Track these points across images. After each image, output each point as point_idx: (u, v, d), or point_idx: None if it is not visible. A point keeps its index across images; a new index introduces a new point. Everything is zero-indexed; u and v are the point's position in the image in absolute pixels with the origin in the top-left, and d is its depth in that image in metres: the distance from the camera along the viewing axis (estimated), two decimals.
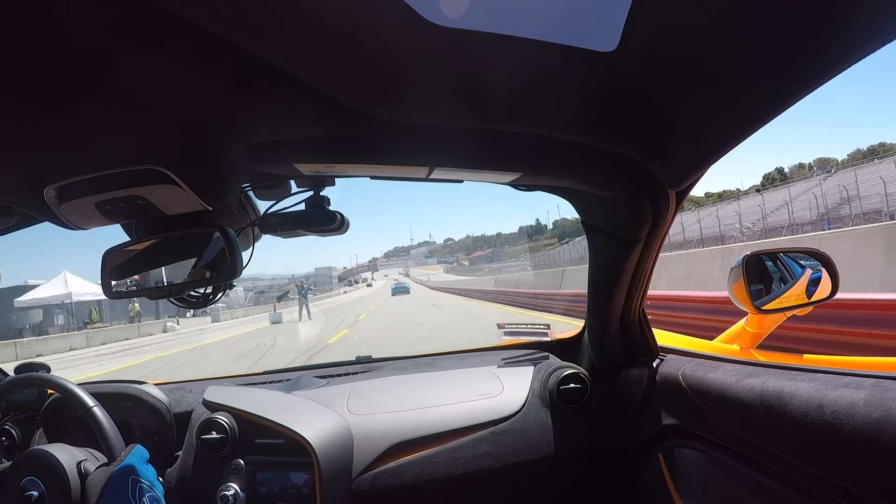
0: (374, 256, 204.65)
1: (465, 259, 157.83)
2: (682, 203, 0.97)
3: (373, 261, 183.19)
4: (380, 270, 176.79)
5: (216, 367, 9.02)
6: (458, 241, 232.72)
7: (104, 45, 0.51)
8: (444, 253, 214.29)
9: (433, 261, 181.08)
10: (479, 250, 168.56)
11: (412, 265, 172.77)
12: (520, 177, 0.93)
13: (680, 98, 0.67)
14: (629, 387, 1.25)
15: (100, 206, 0.81)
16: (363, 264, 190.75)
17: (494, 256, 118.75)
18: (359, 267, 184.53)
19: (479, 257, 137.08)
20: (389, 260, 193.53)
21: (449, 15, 0.51)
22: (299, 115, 0.70)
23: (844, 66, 0.53)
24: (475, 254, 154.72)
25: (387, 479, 1.20)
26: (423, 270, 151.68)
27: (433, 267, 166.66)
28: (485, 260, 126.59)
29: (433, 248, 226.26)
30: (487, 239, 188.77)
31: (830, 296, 1.25)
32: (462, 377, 1.46)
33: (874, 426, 0.62)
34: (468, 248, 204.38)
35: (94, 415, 1.07)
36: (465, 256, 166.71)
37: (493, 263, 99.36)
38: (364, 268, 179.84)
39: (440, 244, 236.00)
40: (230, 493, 1.14)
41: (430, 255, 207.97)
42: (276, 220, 1.08)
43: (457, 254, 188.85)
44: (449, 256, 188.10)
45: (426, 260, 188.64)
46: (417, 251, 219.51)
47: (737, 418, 0.88)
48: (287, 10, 0.48)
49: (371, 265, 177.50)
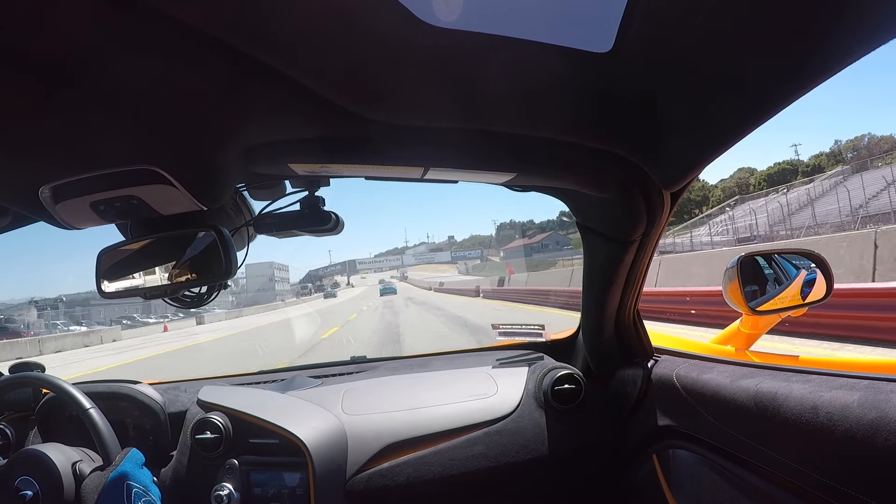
0: (353, 258, 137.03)
1: (497, 252, 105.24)
2: (677, 204, 0.97)
3: (348, 263, 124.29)
4: (361, 273, 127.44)
5: None
6: (467, 240, 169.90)
7: (99, 45, 0.51)
8: (456, 248, 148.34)
9: (445, 256, 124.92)
10: (515, 240, 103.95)
11: (413, 263, 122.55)
12: (514, 177, 0.93)
13: (675, 99, 0.67)
14: (623, 388, 1.25)
15: (94, 206, 0.81)
16: (335, 265, 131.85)
17: (553, 244, 74.75)
18: (330, 267, 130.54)
19: (523, 247, 78.07)
20: (380, 259, 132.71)
21: (443, 16, 0.51)
22: (293, 115, 0.70)
23: (838, 67, 0.54)
24: (514, 243, 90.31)
25: (381, 480, 1.20)
26: (427, 272, 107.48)
27: (440, 267, 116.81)
28: (533, 250, 73.54)
29: (439, 245, 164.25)
30: (520, 227, 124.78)
31: (825, 297, 1.25)
32: (456, 377, 1.46)
33: (868, 428, 0.62)
34: (481, 244, 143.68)
35: (90, 417, 1.06)
36: (499, 248, 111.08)
37: (549, 254, 67.64)
38: (336, 269, 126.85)
39: (444, 241, 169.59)
40: (224, 493, 1.14)
41: (435, 250, 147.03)
42: (271, 221, 1.08)
43: (482, 248, 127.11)
44: (467, 250, 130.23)
45: (433, 256, 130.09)
46: (416, 250, 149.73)
47: (731, 419, 0.88)
48: (281, 11, 0.48)
49: (345, 267, 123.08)
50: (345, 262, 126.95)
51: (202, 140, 0.72)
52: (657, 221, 0.99)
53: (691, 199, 51.99)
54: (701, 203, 51.79)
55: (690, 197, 51.38)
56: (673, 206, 0.96)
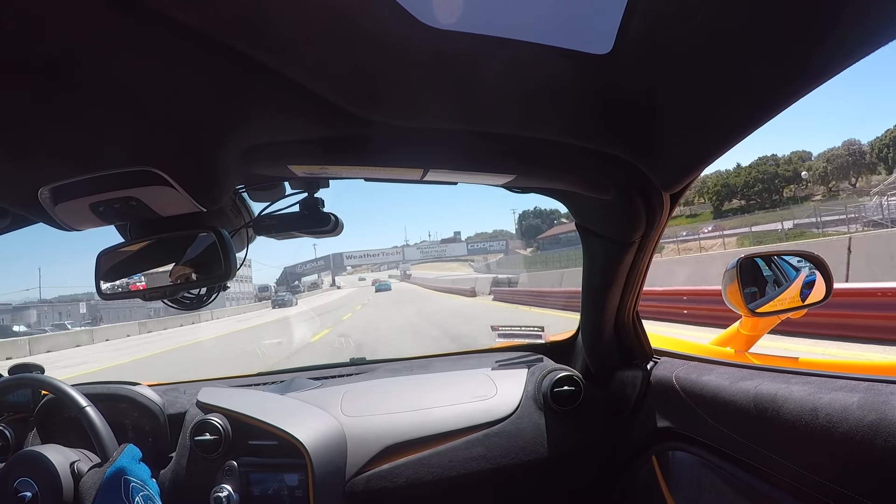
0: (340, 251, 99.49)
1: (523, 245, 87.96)
2: (676, 205, 0.97)
3: (333, 258, 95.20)
4: (356, 272, 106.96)
5: None
6: (478, 235, 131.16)
7: (99, 47, 0.51)
8: (475, 240, 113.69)
9: (460, 249, 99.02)
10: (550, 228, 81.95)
11: (418, 258, 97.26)
12: (514, 179, 0.93)
13: (674, 101, 0.67)
14: (623, 389, 1.25)
15: (94, 208, 0.81)
16: (318, 260, 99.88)
17: None
18: (310, 263, 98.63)
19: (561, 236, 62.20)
20: (376, 253, 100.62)
21: (443, 17, 0.51)
22: (293, 116, 0.70)
23: (838, 69, 0.54)
24: (551, 231, 74.91)
25: (380, 481, 1.20)
26: (433, 271, 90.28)
27: (449, 264, 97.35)
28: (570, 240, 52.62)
29: (452, 237, 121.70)
30: (548, 216, 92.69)
31: (824, 299, 1.25)
32: (456, 379, 1.46)
33: (868, 430, 0.62)
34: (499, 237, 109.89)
35: (86, 415, 1.06)
36: (525, 240, 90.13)
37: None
38: (318, 265, 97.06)
39: (449, 238, 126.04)
40: (223, 494, 1.14)
41: (448, 241, 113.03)
42: (270, 222, 1.09)
43: (507, 240, 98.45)
44: (487, 241, 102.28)
45: (444, 249, 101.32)
46: (421, 245, 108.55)
47: (730, 421, 0.88)
48: (281, 12, 0.48)
49: (329, 262, 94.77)
50: (328, 257, 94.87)
51: (202, 142, 0.72)
52: (657, 223, 0.99)
53: (779, 174, 48.33)
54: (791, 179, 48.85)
55: (778, 172, 47.81)
56: (672, 207, 0.96)
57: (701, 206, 56.61)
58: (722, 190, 51.59)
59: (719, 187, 51.87)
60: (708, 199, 54.26)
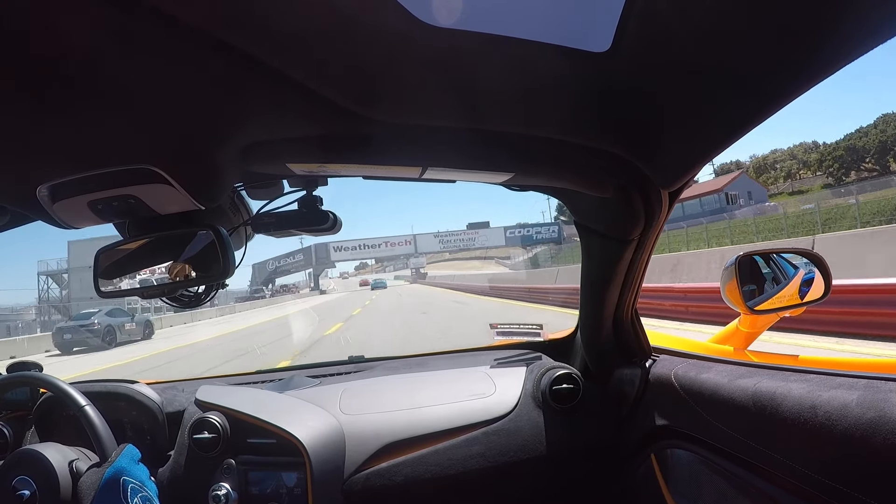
0: (326, 241, 52.10)
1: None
2: (675, 203, 0.97)
3: (315, 249, 61.05)
4: (338, 271, 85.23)
5: None
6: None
7: (97, 45, 0.51)
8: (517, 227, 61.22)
9: (495, 237, 59.83)
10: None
11: (438, 249, 65.13)
12: (512, 177, 0.93)
13: (672, 98, 0.67)
14: (621, 387, 1.25)
15: (92, 206, 0.81)
16: (295, 253, 65.95)
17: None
18: (288, 257, 66.59)
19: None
20: (379, 248, 62.90)
21: (442, 16, 0.51)
22: (292, 114, 0.70)
23: (837, 66, 0.54)
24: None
25: (379, 480, 1.20)
26: (448, 269, 67.66)
27: (469, 262, 73.02)
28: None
29: (478, 224, 62.82)
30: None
31: (823, 297, 1.25)
32: (454, 377, 1.46)
33: (867, 427, 0.62)
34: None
35: (85, 414, 1.06)
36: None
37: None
38: (298, 263, 65.47)
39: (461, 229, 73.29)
40: (222, 492, 1.14)
41: (474, 228, 61.47)
42: (269, 220, 1.08)
43: (559, 224, 57.77)
44: (534, 228, 59.85)
45: (473, 237, 60.75)
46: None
47: (729, 419, 0.88)
48: (281, 10, 0.48)
49: (310, 258, 62.20)
50: (309, 248, 64.09)
51: (200, 139, 0.72)
52: (655, 221, 0.99)
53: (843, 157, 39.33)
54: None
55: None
56: (671, 205, 0.96)
57: (805, 181, 45.82)
58: (845, 155, 39.73)
59: (841, 151, 39.93)
60: (825, 168, 42.46)
